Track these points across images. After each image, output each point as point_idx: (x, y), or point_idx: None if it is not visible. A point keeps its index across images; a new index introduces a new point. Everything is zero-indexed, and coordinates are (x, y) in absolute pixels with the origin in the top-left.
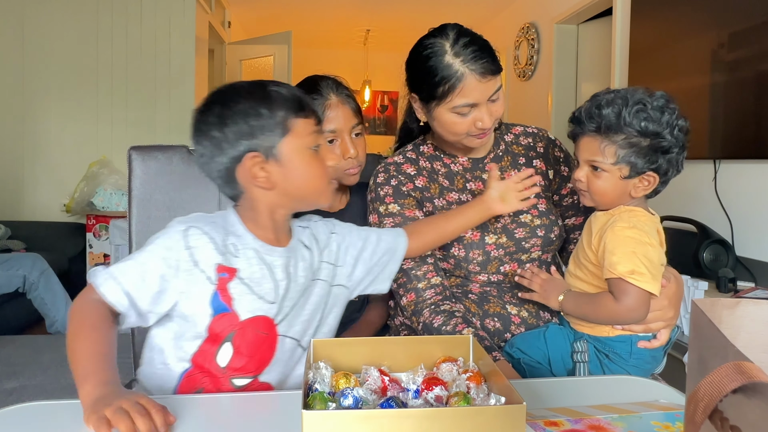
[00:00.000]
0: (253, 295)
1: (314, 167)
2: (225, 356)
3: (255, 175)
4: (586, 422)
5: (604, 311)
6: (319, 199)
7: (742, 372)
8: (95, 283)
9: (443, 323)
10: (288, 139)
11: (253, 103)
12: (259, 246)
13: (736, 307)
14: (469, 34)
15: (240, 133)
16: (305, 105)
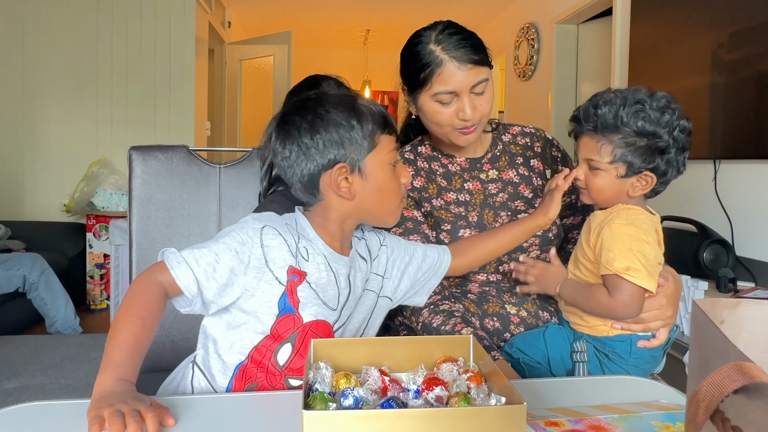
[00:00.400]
0: (319, 301)
1: (392, 184)
2: (285, 355)
3: (339, 185)
4: (586, 422)
5: (597, 304)
6: (390, 217)
7: (743, 372)
8: (169, 264)
9: (442, 323)
10: (373, 154)
11: (345, 115)
12: (328, 253)
13: (737, 307)
14: (457, 27)
15: (330, 142)
16: (390, 122)
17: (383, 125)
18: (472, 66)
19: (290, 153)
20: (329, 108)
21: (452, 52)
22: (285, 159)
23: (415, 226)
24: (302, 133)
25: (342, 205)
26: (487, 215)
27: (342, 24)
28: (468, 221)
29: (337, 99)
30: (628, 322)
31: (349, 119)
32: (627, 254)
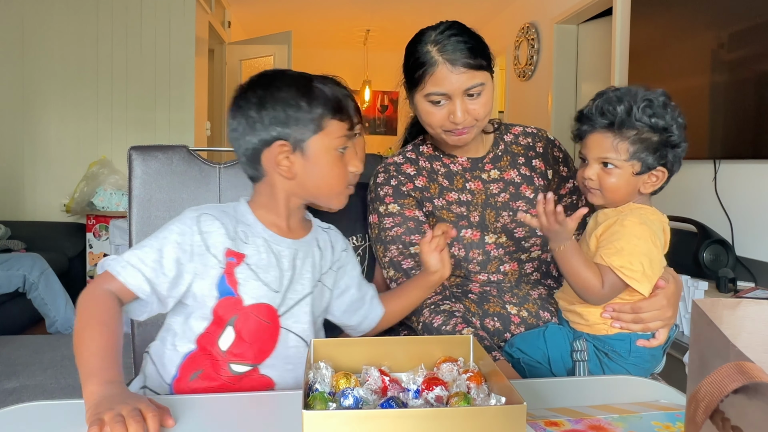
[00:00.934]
0: (259, 281)
1: (336, 169)
2: (227, 340)
3: (279, 163)
4: (586, 422)
5: (586, 279)
6: (333, 200)
7: (743, 372)
8: (114, 271)
9: (443, 323)
10: (318, 137)
11: (294, 94)
12: (269, 235)
13: (737, 307)
14: (459, 28)
15: (275, 119)
16: (343, 108)
17: (335, 110)
18: (466, 70)
19: (238, 125)
20: (280, 85)
21: (447, 54)
22: (233, 131)
23: (417, 225)
24: (250, 106)
25: (284, 183)
26: (489, 215)
27: (342, 24)
28: (470, 221)
29: (291, 78)
30: (627, 321)
31: (298, 99)
32: (629, 254)
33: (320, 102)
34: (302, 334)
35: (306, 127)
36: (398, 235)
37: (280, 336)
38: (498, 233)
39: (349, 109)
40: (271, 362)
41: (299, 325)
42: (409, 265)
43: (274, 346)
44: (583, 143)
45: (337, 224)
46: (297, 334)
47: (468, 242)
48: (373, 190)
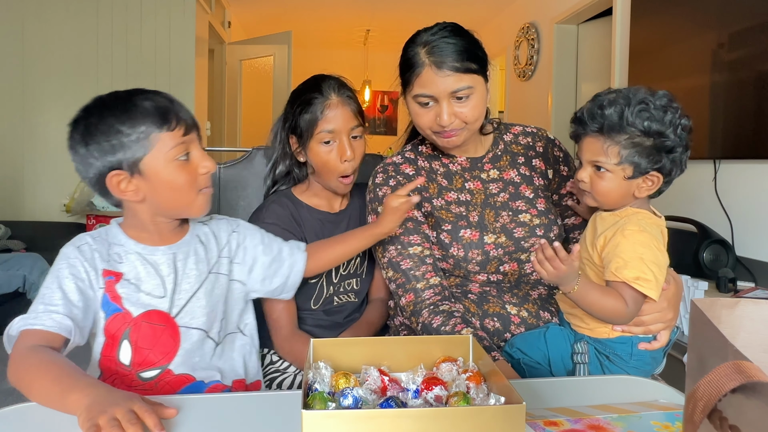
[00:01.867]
0: (141, 293)
1: (181, 179)
2: (126, 354)
3: (123, 190)
4: (585, 422)
5: (610, 307)
6: (189, 210)
7: (741, 371)
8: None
9: (442, 323)
10: (151, 155)
11: (112, 120)
12: (141, 249)
13: (736, 307)
14: (452, 30)
15: (102, 151)
16: (171, 116)
17: (161, 122)
18: (452, 72)
19: (75, 161)
20: (99, 115)
21: (434, 56)
22: (76, 168)
23: (416, 226)
24: (77, 144)
25: (140, 207)
26: (488, 215)
27: (342, 24)
28: (469, 221)
29: (109, 103)
30: (629, 324)
31: (117, 125)
32: (638, 263)
33: (140, 120)
34: (203, 327)
35: (134, 149)
36: (397, 235)
37: (181, 334)
38: (497, 233)
39: (177, 115)
40: (180, 360)
41: (197, 320)
42: (408, 266)
43: (178, 344)
44: (578, 146)
45: (338, 224)
46: (198, 328)
47: (467, 242)
48: (372, 190)
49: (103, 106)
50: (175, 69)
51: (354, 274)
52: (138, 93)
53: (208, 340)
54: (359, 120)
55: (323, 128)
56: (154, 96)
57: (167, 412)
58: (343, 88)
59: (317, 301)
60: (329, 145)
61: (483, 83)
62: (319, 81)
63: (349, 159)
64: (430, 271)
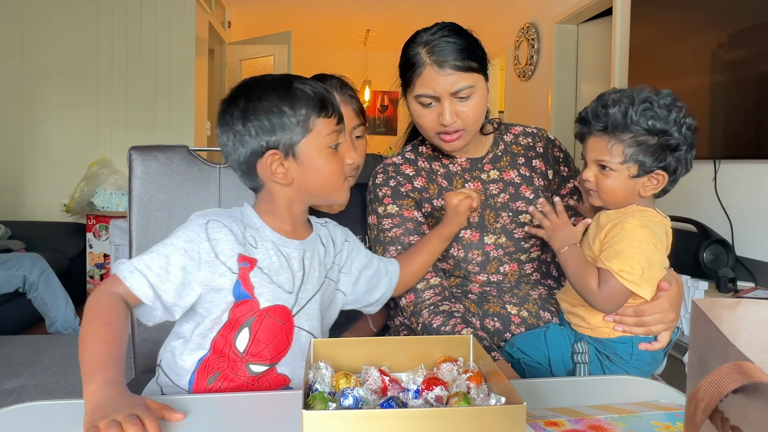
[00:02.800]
0: (273, 284)
1: (332, 166)
2: (243, 341)
3: (274, 172)
4: (586, 422)
5: (585, 284)
6: (335, 196)
7: (742, 372)
8: (121, 276)
9: (442, 323)
10: (308, 139)
11: (276, 101)
12: (276, 238)
13: (737, 307)
14: (452, 29)
15: (261, 129)
16: (328, 104)
17: (320, 108)
18: (453, 72)
19: (227, 140)
20: (261, 94)
21: (435, 55)
22: (224, 146)
23: (416, 226)
24: (235, 120)
25: (283, 190)
26: (488, 216)
27: (342, 24)
28: (469, 222)
29: (270, 84)
30: (630, 324)
31: (281, 105)
32: (630, 257)
33: (303, 103)
34: (313, 331)
35: (294, 132)
36: (397, 236)
37: (294, 334)
38: (497, 234)
39: (334, 104)
40: (286, 360)
41: (310, 322)
42: None
43: (290, 344)
44: (583, 145)
45: (341, 222)
46: (308, 331)
47: (467, 243)
48: (372, 190)
49: (264, 85)
50: (175, 69)
51: None
52: (296, 79)
53: None
54: (361, 119)
55: None
56: (313, 83)
57: (174, 416)
58: (344, 88)
59: None
60: None
61: (483, 82)
62: (320, 80)
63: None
64: (430, 272)
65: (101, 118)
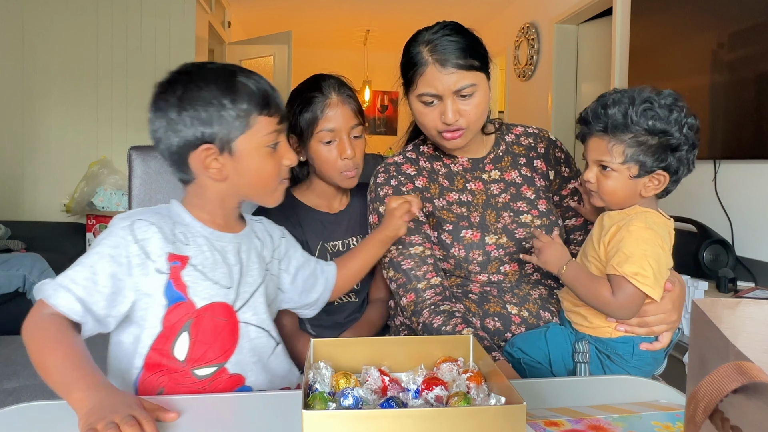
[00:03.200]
0: (208, 281)
1: (268, 166)
2: (182, 348)
3: (207, 166)
4: (586, 422)
5: (597, 296)
6: (268, 198)
7: (742, 372)
8: (45, 296)
9: (443, 323)
10: (246, 136)
11: (216, 92)
12: (209, 233)
13: (737, 307)
14: (453, 28)
15: (198, 120)
16: (271, 101)
17: (262, 106)
18: (456, 70)
19: (159, 127)
20: (201, 83)
21: (437, 54)
22: (154, 131)
23: (417, 226)
24: (170, 106)
25: (215, 186)
26: (490, 216)
27: (342, 24)
28: (470, 221)
29: (213, 73)
30: (632, 324)
31: (221, 97)
32: (640, 259)
33: (245, 98)
34: (262, 324)
35: (232, 127)
36: None
37: (240, 330)
38: (498, 234)
39: (277, 102)
40: (236, 358)
41: (257, 316)
42: (409, 266)
43: (236, 341)
44: (584, 146)
45: (338, 225)
46: (257, 326)
47: (468, 243)
48: (374, 190)
49: (206, 74)
50: None
51: None
52: (240, 71)
53: (270, 339)
54: (359, 119)
55: (323, 127)
56: (258, 78)
57: (168, 416)
58: (343, 87)
59: None
60: (330, 145)
61: (485, 81)
62: (319, 80)
63: (349, 156)
64: (431, 272)
65: (101, 118)
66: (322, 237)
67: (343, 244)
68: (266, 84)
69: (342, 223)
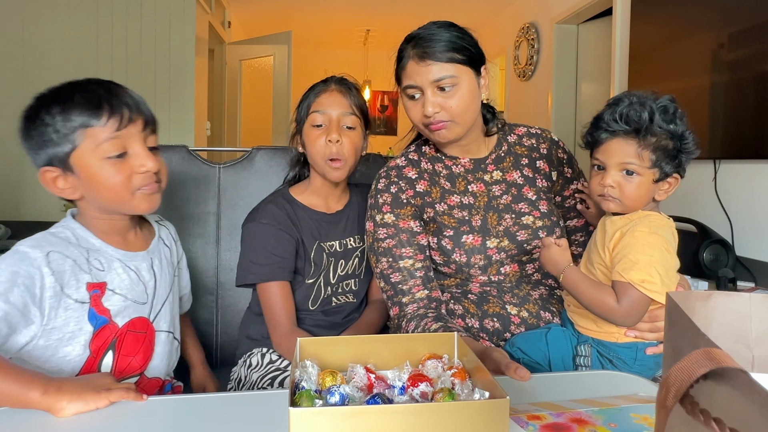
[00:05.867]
0: (128, 302)
1: (114, 178)
2: (108, 364)
3: (60, 188)
4: (567, 416)
5: (601, 303)
6: (126, 208)
7: (711, 358)
8: None
9: (415, 327)
10: (80, 151)
11: (43, 114)
12: (121, 255)
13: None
14: (442, 24)
15: (36, 146)
16: (101, 109)
17: (91, 115)
18: (433, 62)
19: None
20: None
21: (416, 48)
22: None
23: (409, 237)
24: (21, 138)
25: (81, 204)
26: (491, 218)
27: (342, 24)
28: (471, 226)
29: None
30: (642, 330)
31: (46, 117)
32: (646, 266)
33: (71, 111)
34: (170, 328)
35: (61, 145)
36: (389, 247)
37: (156, 338)
38: (500, 237)
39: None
40: (152, 364)
41: (167, 322)
42: (397, 279)
43: (153, 349)
44: (599, 150)
45: (335, 225)
46: (167, 331)
47: (469, 248)
48: (374, 195)
49: (40, 98)
50: (175, 69)
51: (352, 274)
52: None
53: (174, 341)
54: (354, 112)
55: (315, 109)
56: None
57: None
58: (345, 81)
59: (315, 301)
60: (319, 128)
61: (471, 75)
62: (328, 78)
63: (333, 140)
64: (418, 285)
65: None
66: (319, 237)
67: (340, 245)
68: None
69: (339, 223)
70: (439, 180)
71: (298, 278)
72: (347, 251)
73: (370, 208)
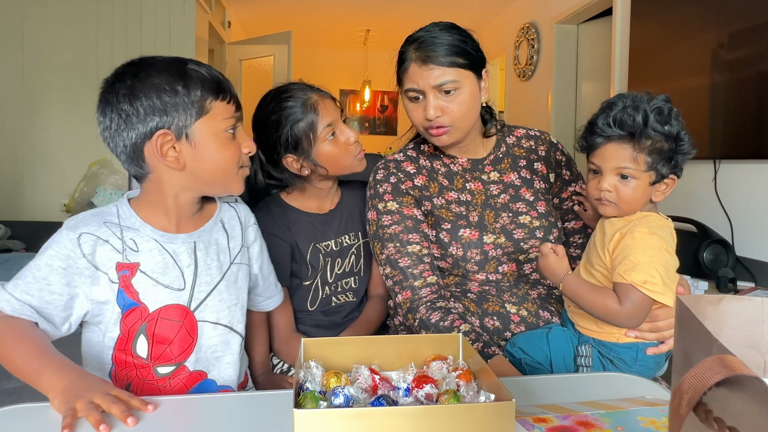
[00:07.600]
0: (159, 286)
1: (228, 152)
2: (143, 348)
3: (164, 154)
4: (573, 418)
5: (603, 307)
6: (229, 185)
7: (725, 365)
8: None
9: (440, 319)
10: (203, 121)
11: (168, 79)
12: (159, 236)
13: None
14: (445, 26)
15: (152, 109)
16: (225, 88)
17: (216, 91)
18: (436, 66)
19: (110, 122)
20: (151, 72)
21: (419, 51)
22: (106, 129)
23: (414, 224)
24: (121, 99)
25: (173, 177)
26: (488, 215)
27: (342, 24)
28: (468, 221)
29: (161, 63)
30: (643, 330)
31: (173, 84)
32: (647, 267)
33: (198, 84)
34: (223, 321)
35: (188, 113)
36: (396, 233)
37: (199, 329)
38: (497, 234)
39: (231, 90)
40: (195, 357)
41: (216, 314)
42: (406, 264)
43: (194, 341)
44: (595, 154)
45: (329, 224)
46: (216, 323)
47: (466, 242)
48: (373, 186)
49: (155, 64)
50: None
51: (351, 272)
52: (189, 61)
53: (234, 335)
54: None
55: (325, 124)
56: (207, 67)
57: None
58: (305, 85)
59: (314, 302)
60: (334, 138)
61: (473, 79)
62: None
63: (354, 139)
64: (428, 270)
65: None
66: (313, 238)
67: (336, 244)
68: (218, 73)
69: (333, 223)
70: (437, 177)
71: (295, 281)
72: (343, 249)
73: (370, 198)
